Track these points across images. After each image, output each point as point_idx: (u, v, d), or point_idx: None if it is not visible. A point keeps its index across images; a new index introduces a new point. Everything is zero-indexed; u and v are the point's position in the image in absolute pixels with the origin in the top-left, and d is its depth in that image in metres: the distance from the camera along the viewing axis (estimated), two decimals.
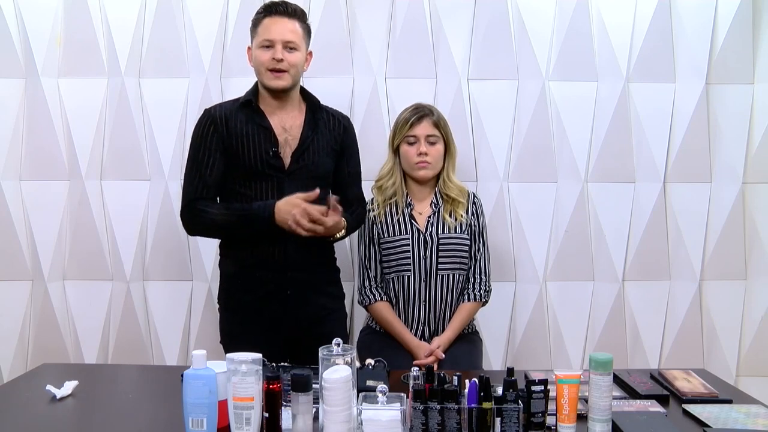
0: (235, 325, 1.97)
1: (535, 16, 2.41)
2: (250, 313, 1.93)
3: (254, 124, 1.91)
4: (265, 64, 1.87)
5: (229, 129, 1.90)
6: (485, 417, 1.30)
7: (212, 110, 1.95)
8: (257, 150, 1.89)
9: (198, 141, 1.92)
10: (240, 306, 1.96)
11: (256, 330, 1.90)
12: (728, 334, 2.48)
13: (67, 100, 2.42)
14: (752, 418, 1.46)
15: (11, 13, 2.39)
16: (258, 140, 1.90)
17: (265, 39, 1.87)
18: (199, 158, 1.91)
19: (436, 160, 2.09)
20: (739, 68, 2.42)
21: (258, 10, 1.94)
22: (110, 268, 2.46)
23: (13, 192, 2.43)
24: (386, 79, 2.43)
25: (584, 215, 2.46)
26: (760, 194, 2.44)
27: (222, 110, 1.94)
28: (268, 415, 1.30)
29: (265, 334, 1.87)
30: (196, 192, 1.91)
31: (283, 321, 1.93)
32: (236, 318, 1.97)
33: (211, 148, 1.90)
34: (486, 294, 2.12)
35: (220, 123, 1.90)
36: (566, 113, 2.44)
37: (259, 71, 1.90)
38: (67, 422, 1.50)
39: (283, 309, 1.93)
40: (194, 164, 1.92)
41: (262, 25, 1.90)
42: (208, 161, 1.90)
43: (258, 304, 1.92)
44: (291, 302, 1.93)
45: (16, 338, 2.46)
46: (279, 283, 1.92)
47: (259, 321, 1.92)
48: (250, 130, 1.90)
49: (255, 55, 1.90)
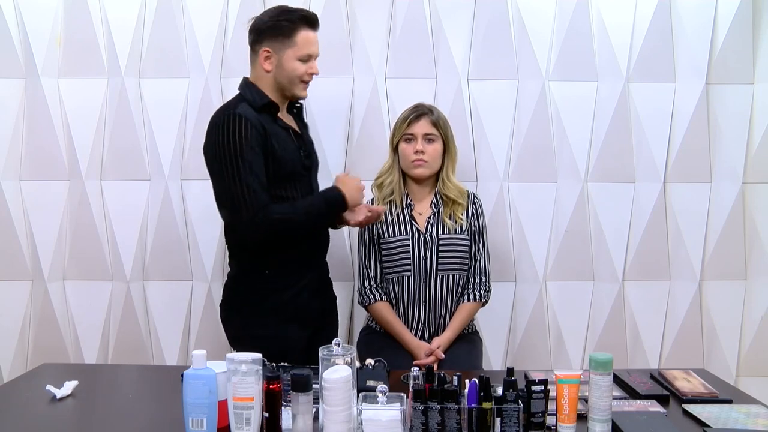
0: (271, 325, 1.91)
1: (535, 16, 2.41)
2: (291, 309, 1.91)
3: (278, 126, 1.90)
4: (302, 77, 1.88)
5: (266, 131, 1.83)
6: (485, 417, 1.31)
7: (244, 113, 1.80)
8: (292, 151, 1.90)
9: (242, 145, 1.77)
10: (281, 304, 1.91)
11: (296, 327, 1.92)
12: (728, 334, 2.48)
13: (67, 100, 2.42)
14: (752, 418, 1.46)
15: (11, 13, 2.39)
16: (288, 142, 1.90)
17: (308, 54, 1.87)
18: (251, 162, 1.77)
19: (433, 159, 2.09)
20: (739, 68, 2.42)
21: (290, 17, 1.86)
22: (110, 268, 2.47)
23: (13, 192, 2.44)
24: (386, 79, 2.44)
25: (584, 215, 2.46)
26: (760, 194, 2.44)
27: (251, 113, 1.82)
28: (268, 415, 1.30)
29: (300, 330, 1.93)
30: (263, 199, 1.78)
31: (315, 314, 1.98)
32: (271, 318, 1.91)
33: (257, 151, 1.79)
34: (486, 294, 2.12)
35: (259, 126, 1.81)
36: (566, 113, 2.44)
37: (292, 81, 1.88)
38: (67, 422, 1.50)
39: (318, 302, 2.00)
40: (249, 169, 1.77)
41: (301, 36, 1.85)
42: (260, 164, 1.79)
43: (300, 300, 1.93)
44: (321, 295, 2.03)
45: (16, 338, 2.47)
46: (313, 278, 1.98)
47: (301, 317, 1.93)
48: (280, 133, 1.89)
49: (290, 66, 1.86)
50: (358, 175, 2.21)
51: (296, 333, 1.90)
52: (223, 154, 1.78)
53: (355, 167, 2.24)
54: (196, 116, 2.38)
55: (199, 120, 2.34)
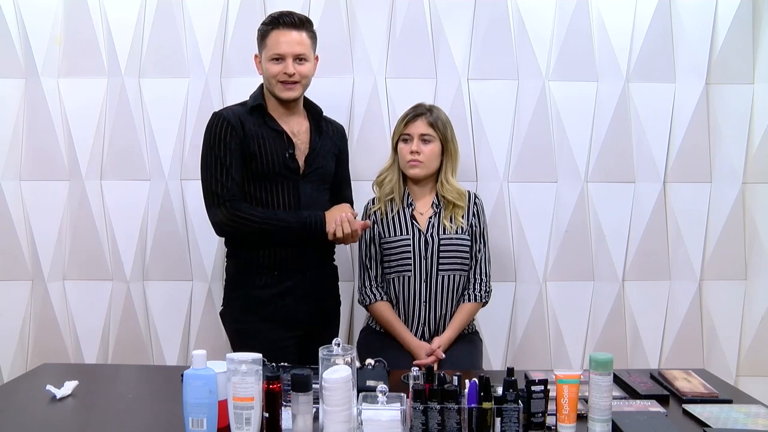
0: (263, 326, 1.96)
1: (535, 16, 2.41)
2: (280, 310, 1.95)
3: (267, 127, 1.93)
4: (276, 77, 1.90)
5: (245, 131, 1.89)
6: (485, 417, 1.31)
7: (224, 113, 1.92)
8: (274, 152, 1.91)
9: (217, 143, 1.88)
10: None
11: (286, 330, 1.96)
12: (728, 334, 2.48)
13: (67, 100, 2.42)
14: (752, 418, 1.46)
15: (11, 13, 2.39)
16: (273, 143, 1.92)
17: (275, 53, 1.88)
18: (222, 158, 1.87)
19: (429, 159, 2.08)
20: (739, 68, 2.42)
21: (264, 20, 1.93)
22: (110, 268, 2.47)
23: (13, 192, 2.43)
24: (386, 79, 2.44)
25: (584, 215, 2.46)
26: (760, 194, 2.44)
27: (234, 113, 1.92)
28: (268, 415, 1.30)
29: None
30: (230, 192, 1.87)
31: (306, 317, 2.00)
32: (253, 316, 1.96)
33: (231, 149, 1.87)
34: (486, 295, 2.11)
35: (237, 125, 1.89)
36: (566, 113, 2.44)
37: (270, 83, 1.92)
38: (67, 422, 1.50)
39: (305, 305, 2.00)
40: (219, 164, 1.87)
41: (270, 37, 1.89)
42: (232, 161, 1.87)
43: (287, 301, 1.96)
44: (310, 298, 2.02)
45: (16, 338, 2.47)
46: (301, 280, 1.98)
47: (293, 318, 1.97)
48: (265, 133, 1.91)
49: (265, 68, 1.91)
50: (358, 175, 2.22)
51: (278, 333, 1.93)
52: (203, 153, 1.92)
53: (355, 167, 2.24)
54: (196, 116, 2.38)
55: (199, 120, 2.34)
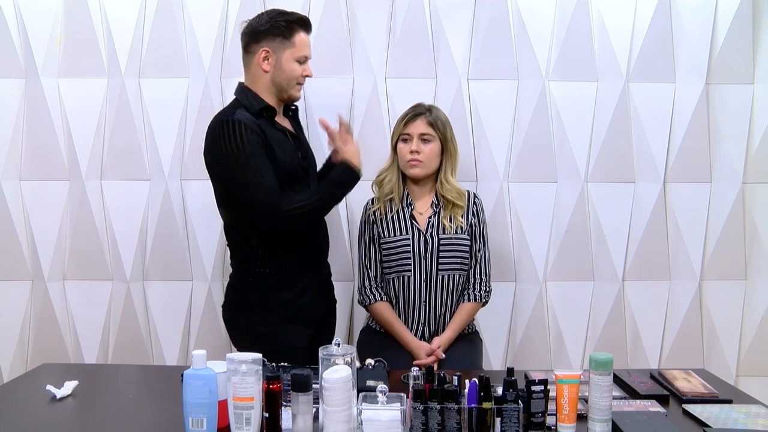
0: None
1: (535, 16, 2.41)
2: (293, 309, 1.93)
3: (276, 129, 1.91)
4: (298, 78, 1.91)
5: (266, 135, 1.84)
6: (485, 417, 1.31)
7: (241, 118, 1.81)
8: (291, 154, 1.91)
9: (249, 148, 1.78)
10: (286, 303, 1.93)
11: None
12: (728, 334, 2.48)
13: (67, 100, 2.42)
14: (752, 418, 1.46)
15: (11, 13, 2.39)
16: (286, 145, 1.91)
17: (304, 55, 1.91)
18: (257, 164, 1.78)
19: (429, 159, 2.08)
20: (739, 68, 2.42)
21: (289, 18, 1.89)
22: (110, 268, 2.47)
23: (13, 192, 2.44)
24: (386, 79, 2.43)
25: (584, 215, 2.46)
26: (760, 194, 2.44)
27: (248, 118, 1.83)
28: (268, 415, 1.30)
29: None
30: (280, 194, 1.80)
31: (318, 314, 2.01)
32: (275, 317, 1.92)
33: (262, 154, 1.81)
34: (486, 294, 2.11)
35: (259, 131, 1.82)
36: (566, 113, 2.44)
37: (289, 83, 1.90)
38: (67, 422, 1.50)
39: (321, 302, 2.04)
40: (261, 168, 1.78)
41: (299, 38, 1.89)
42: (266, 164, 1.80)
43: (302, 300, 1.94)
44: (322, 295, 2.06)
45: (16, 338, 2.47)
46: (314, 277, 2.00)
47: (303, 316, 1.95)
48: (277, 136, 1.89)
49: (289, 67, 1.88)
50: None
51: (299, 332, 1.91)
52: (229, 161, 1.79)
53: None
54: (196, 116, 2.38)
55: (199, 120, 2.34)
